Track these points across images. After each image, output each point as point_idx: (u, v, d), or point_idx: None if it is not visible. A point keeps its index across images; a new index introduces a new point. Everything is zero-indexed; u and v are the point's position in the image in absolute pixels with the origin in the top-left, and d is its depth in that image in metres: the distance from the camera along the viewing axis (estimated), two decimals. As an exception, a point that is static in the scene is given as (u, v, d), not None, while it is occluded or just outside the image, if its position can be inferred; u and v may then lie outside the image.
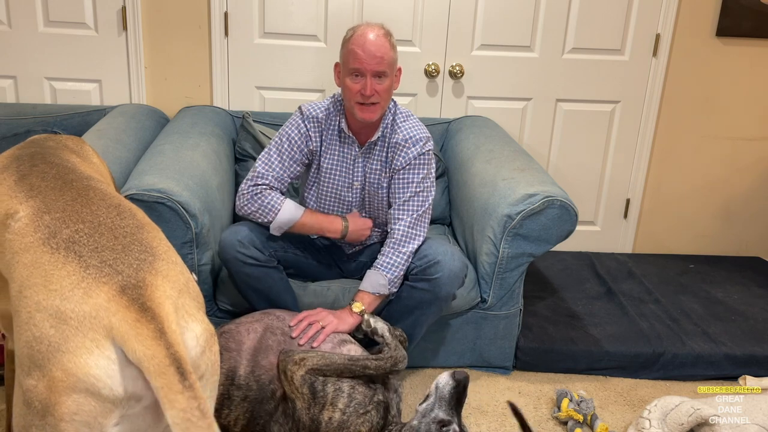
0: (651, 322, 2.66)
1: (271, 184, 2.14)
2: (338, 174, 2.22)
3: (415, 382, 2.37)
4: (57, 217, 1.24)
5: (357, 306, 2.07)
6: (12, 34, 2.91)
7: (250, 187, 2.13)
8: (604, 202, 3.39)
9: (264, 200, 2.12)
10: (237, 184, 2.74)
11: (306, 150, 2.19)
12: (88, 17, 2.91)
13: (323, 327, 1.98)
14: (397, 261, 2.13)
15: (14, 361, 1.54)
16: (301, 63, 3.03)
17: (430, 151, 2.20)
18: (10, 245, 1.23)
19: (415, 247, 2.15)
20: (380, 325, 2.02)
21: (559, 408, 2.20)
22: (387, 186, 2.22)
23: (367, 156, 2.21)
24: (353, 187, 2.24)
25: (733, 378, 2.49)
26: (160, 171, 2.16)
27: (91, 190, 1.36)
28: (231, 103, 3.07)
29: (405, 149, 2.17)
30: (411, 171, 2.18)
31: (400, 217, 2.17)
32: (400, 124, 2.19)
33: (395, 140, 2.18)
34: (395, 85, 2.15)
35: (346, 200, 2.26)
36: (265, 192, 2.12)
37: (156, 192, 2.04)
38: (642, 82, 3.20)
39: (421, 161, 2.18)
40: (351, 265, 2.37)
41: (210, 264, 2.23)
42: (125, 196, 1.98)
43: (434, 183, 2.23)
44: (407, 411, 2.18)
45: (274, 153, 2.16)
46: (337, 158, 2.21)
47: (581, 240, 3.38)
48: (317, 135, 2.19)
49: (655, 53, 3.15)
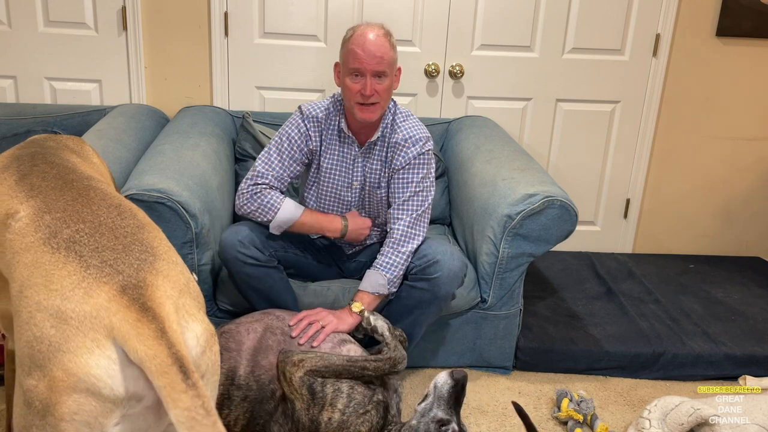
0: (651, 322, 2.66)
1: (271, 183, 2.14)
2: (338, 174, 2.22)
3: (415, 382, 2.37)
4: (58, 217, 1.24)
5: (356, 306, 2.07)
6: (12, 34, 2.91)
7: (250, 186, 2.13)
8: (604, 202, 3.39)
9: (263, 199, 2.12)
10: (237, 184, 2.74)
11: (306, 149, 2.19)
12: (88, 17, 2.91)
13: (323, 327, 1.98)
14: (397, 261, 2.13)
15: (14, 361, 1.54)
16: (301, 63, 3.03)
17: (430, 151, 2.20)
18: (10, 245, 1.23)
19: (414, 247, 2.15)
20: (380, 324, 2.02)
21: (559, 408, 2.20)
22: (386, 186, 2.22)
23: (367, 156, 2.21)
24: (352, 187, 2.24)
25: (733, 378, 2.49)
26: (160, 171, 2.16)
27: (92, 190, 1.36)
28: (231, 103, 3.07)
29: (405, 149, 2.17)
30: (410, 170, 2.18)
31: (400, 216, 2.17)
32: (400, 124, 2.19)
33: (395, 140, 2.18)
34: (395, 84, 2.15)
35: (346, 200, 2.26)
36: (264, 191, 2.12)
37: (156, 192, 2.04)
38: (642, 82, 3.20)
39: (421, 161, 2.18)
40: (351, 265, 2.37)
41: (210, 264, 2.23)
42: (125, 196, 1.98)
43: (434, 183, 2.23)
44: (407, 411, 2.18)
45: (274, 152, 2.16)
46: (336, 158, 2.21)
47: (581, 240, 3.38)
48: (317, 135, 2.19)
49: (655, 53, 3.15)
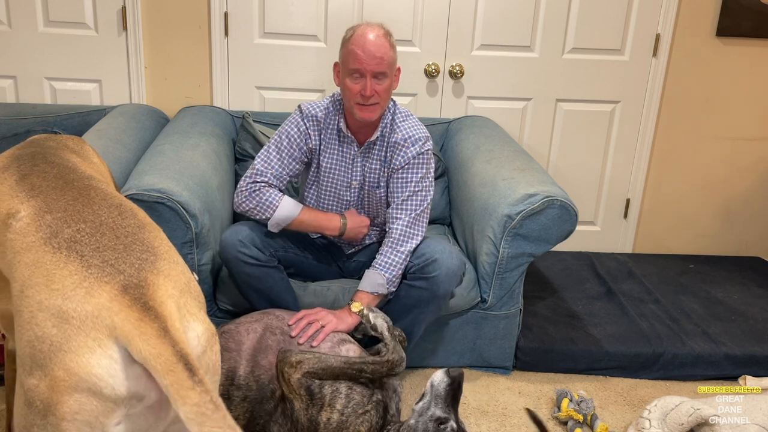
0: (651, 322, 2.66)
1: (270, 181, 2.14)
2: (337, 173, 2.22)
3: (414, 381, 2.37)
4: (58, 216, 1.24)
5: (356, 306, 2.07)
6: (12, 34, 2.91)
7: (249, 184, 2.13)
8: (604, 202, 3.39)
9: (262, 197, 2.12)
10: (237, 184, 2.73)
11: (305, 148, 2.19)
12: (88, 17, 2.91)
13: (322, 326, 1.98)
14: (396, 260, 2.13)
15: (14, 361, 1.54)
16: (301, 63, 3.03)
17: (429, 151, 2.20)
18: (11, 245, 1.22)
19: (413, 247, 2.15)
20: (380, 323, 2.02)
21: (559, 408, 2.20)
22: (386, 185, 2.22)
23: (366, 155, 2.21)
24: (351, 187, 2.24)
25: (733, 378, 2.50)
26: (160, 171, 2.17)
27: (92, 190, 1.36)
28: (231, 103, 3.07)
29: (404, 148, 2.17)
30: (409, 170, 2.18)
31: (399, 216, 2.17)
32: (400, 124, 2.19)
33: (394, 140, 2.18)
34: (395, 84, 2.15)
35: (345, 199, 2.26)
36: (263, 189, 2.12)
37: (156, 192, 2.04)
38: (642, 82, 3.20)
39: (420, 160, 2.18)
40: (350, 265, 2.37)
41: (210, 264, 2.23)
42: (125, 196, 1.98)
43: (433, 182, 2.23)
44: (406, 410, 2.18)
45: (274, 151, 2.16)
46: (336, 158, 2.21)
47: (581, 240, 3.39)
48: (316, 134, 2.19)
49: (655, 53, 3.15)
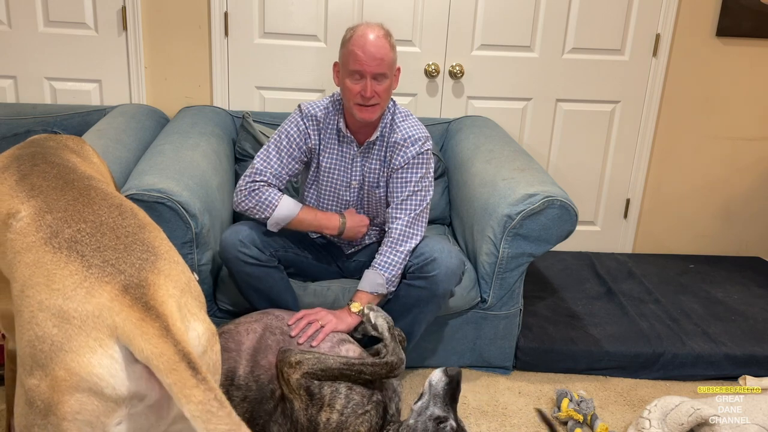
0: (651, 322, 2.66)
1: (269, 180, 2.14)
2: (337, 173, 2.22)
3: (414, 381, 2.37)
4: (59, 216, 1.24)
5: (355, 306, 2.07)
6: (12, 34, 2.91)
7: (248, 183, 2.13)
8: (604, 202, 3.40)
9: (261, 196, 2.12)
10: (237, 183, 2.74)
11: (305, 147, 2.19)
12: (88, 17, 2.91)
13: (322, 326, 1.98)
14: (395, 260, 2.13)
15: (14, 361, 1.53)
16: (301, 63, 3.03)
17: (429, 151, 2.20)
18: (11, 245, 1.22)
19: (412, 246, 2.15)
20: (380, 322, 2.01)
21: (559, 408, 2.20)
22: (385, 185, 2.22)
23: (366, 155, 2.21)
24: (351, 187, 2.24)
25: (733, 378, 2.50)
26: (160, 171, 2.17)
27: (93, 190, 1.36)
28: (231, 103, 3.07)
29: (403, 148, 2.17)
30: (409, 170, 2.18)
31: (398, 216, 2.17)
32: (399, 124, 2.19)
33: (394, 139, 2.18)
34: (394, 84, 2.15)
35: (344, 199, 2.26)
36: (262, 188, 2.12)
37: (156, 192, 2.04)
38: (642, 82, 3.20)
39: (420, 160, 2.18)
40: (350, 265, 2.37)
41: (210, 264, 2.23)
42: (125, 196, 1.98)
43: (432, 182, 2.23)
44: (406, 410, 2.17)
45: (273, 150, 2.16)
46: (335, 157, 2.21)
47: (581, 240, 3.39)
48: (316, 133, 2.19)
49: (655, 53, 3.15)
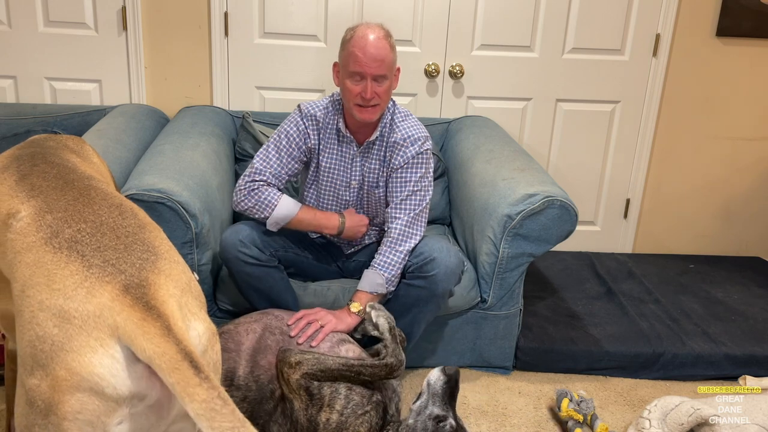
0: (651, 322, 2.66)
1: (269, 180, 2.14)
2: (336, 173, 2.22)
3: (414, 382, 2.37)
4: (59, 216, 1.24)
5: (355, 306, 2.07)
6: (12, 34, 2.91)
7: (248, 183, 2.13)
8: (604, 202, 3.40)
9: (261, 196, 2.12)
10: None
11: (304, 147, 2.19)
12: (88, 17, 2.91)
13: (322, 326, 1.98)
14: (394, 260, 2.13)
15: (14, 361, 1.53)
16: (301, 63, 3.03)
17: (428, 151, 2.20)
18: (12, 245, 1.22)
19: (411, 246, 2.15)
20: (382, 322, 2.00)
21: (559, 408, 2.20)
22: (385, 185, 2.22)
23: (366, 155, 2.21)
24: (351, 187, 2.24)
25: (733, 378, 2.50)
26: (160, 171, 2.17)
27: (93, 190, 1.36)
28: (231, 103, 3.07)
29: (403, 148, 2.17)
30: (408, 170, 2.18)
31: (397, 215, 2.17)
32: (399, 124, 2.19)
33: (393, 139, 2.18)
34: (394, 84, 2.15)
35: (344, 199, 2.26)
36: (262, 188, 2.12)
37: (156, 192, 2.04)
38: (642, 82, 3.20)
39: (419, 160, 2.18)
40: (350, 265, 2.37)
41: (210, 264, 2.23)
42: (125, 196, 1.98)
43: (432, 182, 2.23)
44: (406, 410, 2.17)
45: (273, 150, 2.16)
46: (335, 157, 2.21)
47: (581, 240, 3.39)
48: (315, 133, 2.19)
49: (655, 53, 3.15)
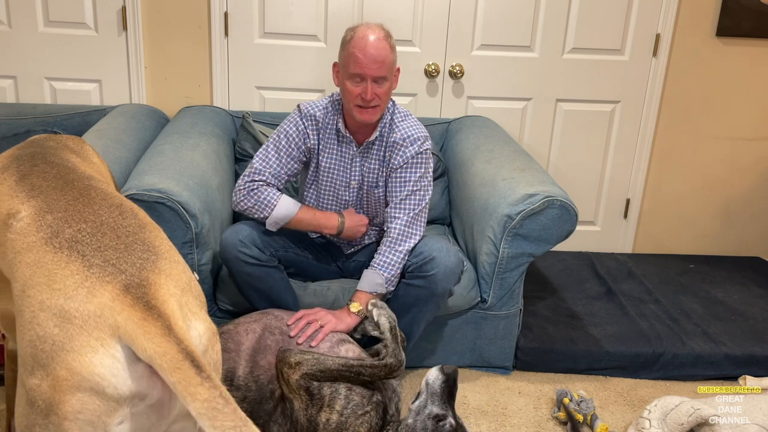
0: (651, 322, 2.66)
1: (268, 180, 2.14)
2: (336, 173, 2.22)
3: (414, 381, 2.37)
4: (59, 216, 1.24)
5: (355, 306, 2.07)
6: (12, 34, 2.91)
7: (247, 183, 2.13)
8: (604, 202, 3.40)
9: (260, 196, 2.12)
10: (237, 184, 2.74)
11: (304, 147, 2.19)
12: (88, 17, 2.91)
13: (321, 326, 1.98)
14: (394, 260, 2.13)
15: (14, 361, 1.53)
16: (301, 63, 3.03)
17: (428, 151, 2.20)
18: (12, 245, 1.22)
19: (411, 246, 2.15)
20: (383, 321, 2.00)
21: (559, 408, 2.20)
22: (384, 185, 2.22)
23: (365, 155, 2.21)
24: (350, 187, 2.24)
25: (733, 378, 2.50)
26: (160, 171, 2.16)
27: (93, 190, 1.36)
28: (231, 103, 3.07)
29: (402, 148, 2.17)
30: (408, 170, 2.18)
31: (397, 215, 2.17)
32: (398, 124, 2.19)
33: (393, 139, 2.18)
34: (394, 85, 2.15)
35: (344, 199, 2.26)
36: (261, 188, 2.12)
37: (156, 192, 2.04)
38: (642, 82, 3.20)
39: (419, 160, 2.18)
40: (350, 265, 2.37)
41: (210, 264, 2.23)
42: (125, 196, 1.98)
43: (431, 182, 2.23)
44: (406, 410, 2.17)
45: (272, 150, 2.16)
46: (335, 157, 2.21)
47: (581, 240, 3.39)
48: (315, 133, 2.19)
49: (655, 53, 3.15)
